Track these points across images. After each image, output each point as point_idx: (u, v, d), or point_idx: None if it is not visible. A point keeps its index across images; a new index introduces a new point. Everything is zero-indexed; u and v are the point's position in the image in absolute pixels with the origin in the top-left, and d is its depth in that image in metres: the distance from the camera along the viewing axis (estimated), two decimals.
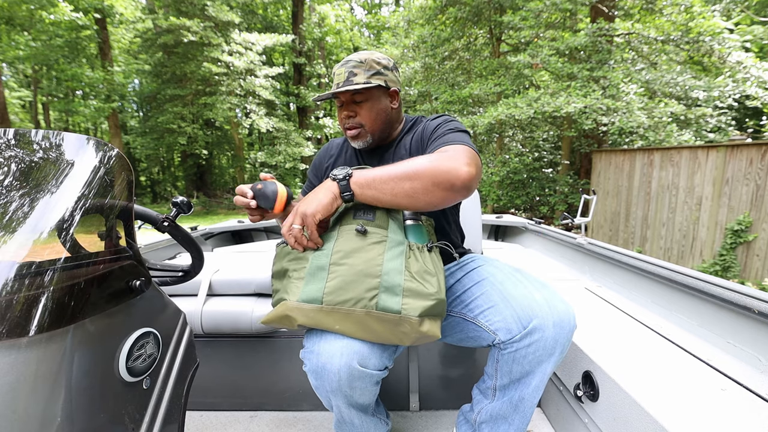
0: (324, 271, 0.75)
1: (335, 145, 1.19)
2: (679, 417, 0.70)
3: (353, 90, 0.95)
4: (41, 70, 13.20)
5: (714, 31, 5.64)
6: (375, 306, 0.73)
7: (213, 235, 2.41)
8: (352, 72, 0.96)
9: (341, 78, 0.97)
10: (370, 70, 0.97)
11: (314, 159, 1.21)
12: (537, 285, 0.85)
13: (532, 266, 1.91)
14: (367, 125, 1.00)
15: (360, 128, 1.01)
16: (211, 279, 1.27)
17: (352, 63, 0.97)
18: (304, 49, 14.16)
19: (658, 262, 1.27)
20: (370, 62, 0.98)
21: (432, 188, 0.76)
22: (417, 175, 0.76)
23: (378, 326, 0.74)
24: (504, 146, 8.52)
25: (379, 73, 0.98)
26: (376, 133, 1.03)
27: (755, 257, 3.87)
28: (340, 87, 0.96)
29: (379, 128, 1.02)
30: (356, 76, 0.96)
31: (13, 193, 0.52)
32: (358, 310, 0.73)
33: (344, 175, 0.79)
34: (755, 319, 0.92)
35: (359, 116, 1.00)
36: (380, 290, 0.73)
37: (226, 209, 12.46)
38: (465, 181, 0.77)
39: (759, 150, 3.78)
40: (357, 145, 1.05)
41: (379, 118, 1.01)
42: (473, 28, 7.96)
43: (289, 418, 1.29)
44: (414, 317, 0.73)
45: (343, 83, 0.96)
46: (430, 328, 0.74)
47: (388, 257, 0.77)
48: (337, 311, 0.73)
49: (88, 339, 0.51)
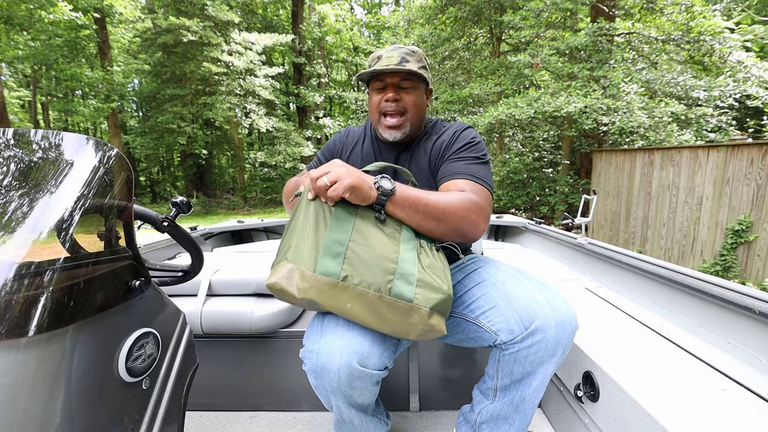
0: (343, 246, 0.76)
1: (353, 133, 1.14)
2: (679, 417, 0.70)
3: (410, 71, 0.94)
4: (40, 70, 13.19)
5: (715, 31, 5.64)
6: (389, 291, 0.73)
7: (213, 235, 2.40)
8: (405, 58, 0.96)
9: (393, 60, 0.95)
10: (420, 62, 0.98)
11: (330, 141, 1.16)
12: (538, 285, 0.85)
13: (532, 266, 1.91)
14: (410, 113, 0.98)
15: (402, 116, 0.98)
16: (210, 279, 1.27)
17: (405, 50, 0.97)
18: (303, 48, 14.15)
19: (658, 263, 1.27)
20: (420, 54, 0.99)
21: (451, 234, 0.82)
22: (445, 218, 0.81)
23: (389, 313, 0.74)
24: (504, 146, 8.52)
25: (426, 67, 1.00)
26: (414, 125, 1.01)
27: (756, 257, 3.86)
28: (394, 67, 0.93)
29: (417, 121, 1.01)
30: (409, 63, 0.95)
31: (13, 193, 0.52)
32: (371, 293, 0.73)
33: (389, 191, 0.78)
34: (756, 320, 0.92)
35: (404, 101, 0.97)
36: (396, 276, 0.74)
37: (226, 209, 12.46)
38: (478, 236, 0.86)
39: (760, 150, 3.78)
40: (392, 136, 1.00)
41: (419, 111, 1.01)
42: (473, 27, 7.95)
43: (289, 419, 1.29)
44: (425, 308, 0.73)
45: (396, 66, 0.94)
46: (438, 322, 0.75)
47: (403, 248, 0.78)
48: (352, 289, 0.74)
49: (88, 339, 0.51)
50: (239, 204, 12.91)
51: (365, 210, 0.82)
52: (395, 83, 0.97)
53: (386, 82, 0.98)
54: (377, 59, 0.98)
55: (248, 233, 2.65)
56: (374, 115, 1.02)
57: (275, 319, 1.23)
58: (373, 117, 1.03)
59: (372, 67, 0.98)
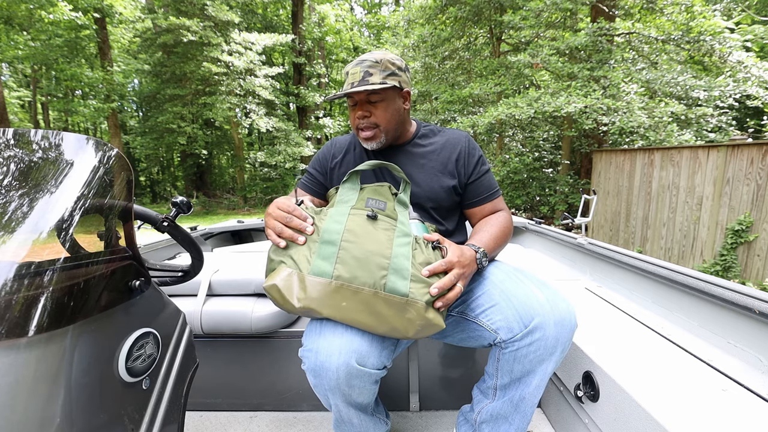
0: (334, 247, 0.76)
1: (339, 143, 1.16)
2: (679, 417, 0.70)
3: (370, 90, 0.95)
4: (40, 70, 13.20)
5: (715, 31, 5.64)
6: (383, 287, 0.74)
7: (213, 235, 2.40)
8: (368, 72, 0.96)
9: (356, 77, 0.96)
10: (386, 71, 0.97)
11: (317, 155, 1.17)
12: (538, 284, 0.85)
13: (532, 266, 1.91)
14: (382, 125, 1.00)
15: (375, 129, 1.00)
16: (210, 279, 1.27)
17: (368, 63, 0.96)
18: (303, 48, 14.15)
19: (658, 262, 1.27)
20: (385, 62, 0.97)
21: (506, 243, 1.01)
22: (506, 237, 1.00)
23: (385, 309, 0.74)
24: (504, 146, 8.52)
25: (394, 74, 0.98)
26: (390, 133, 1.03)
27: (756, 257, 3.86)
28: (355, 86, 0.95)
29: (393, 128, 1.03)
30: (372, 76, 0.95)
31: (13, 193, 0.52)
32: (366, 290, 0.74)
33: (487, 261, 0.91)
34: (756, 320, 0.92)
35: (374, 116, 0.99)
36: (389, 272, 0.74)
37: (226, 209, 12.46)
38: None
39: (760, 150, 3.77)
40: (370, 146, 1.04)
41: (393, 119, 1.01)
42: (473, 27, 7.95)
43: (289, 419, 1.29)
44: (421, 302, 0.73)
45: (359, 83, 0.95)
46: (435, 316, 0.75)
47: (396, 243, 0.78)
48: (346, 288, 0.74)
49: (88, 339, 0.51)
50: (239, 204, 12.91)
51: (358, 210, 0.83)
52: (363, 99, 0.99)
53: (355, 99, 1.00)
54: (346, 75, 1.00)
55: (248, 233, 2.65)
56: (354, 129, 1.05)
57: (275, 319, 1.23)
58: (354, 130, 1.06)
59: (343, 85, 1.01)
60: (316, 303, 0.74)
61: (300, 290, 0.74)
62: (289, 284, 0.75)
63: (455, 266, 0.79)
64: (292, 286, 0.75)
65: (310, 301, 0.74)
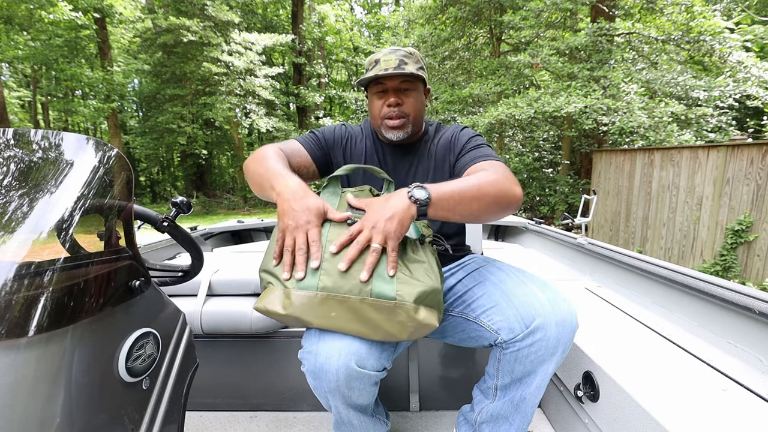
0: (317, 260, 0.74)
1: (353, 131, 1.12)
2: (679, 417, 0.70)
3: (409, 75, 0.95)
4: (40, 70, 13.20)
5: (714, 31, 5.65)
6: (369, 293, 0.71)
7: (213, 235, 2.40)
8: (403, 60, 0.96)
9: (391, 64, 0.95)
10: (418, 63, 0.98)
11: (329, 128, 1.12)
12: (539, 284, 0.85)
13: (532, 266, 1.91)
14: (411, 115, 1.00)
15: (404, 118, 0.99)
16: (210, 279, 1.27)
17: (402, 52, 0.97)
18: (303, 49, 14.15)
19: (658, 262, 1.27)
20: (417, 56, 1.00)
21: (494, 207, 0.80)
22: (482, 195, 0.78)
23: (374, 315, 0.72)
24: (504, 146, 8.52)
25: (423, 68, 1.00)
26: (416, 126, 1.03)
27: (756, 257, 3.86)
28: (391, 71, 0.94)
29: (418, 121, 1.03)
30: (407, 65, 0.96)
31: (13, 193, 0.52)
32: (352, 298, 0.72)
33: (425, 198, 0.75)
34: (756, 320, 0.92)
35: (405, 105, 0.99)
36: (374, 276, 0.72)
37: (226, 209, 12.46)
38: (519, 200, 0.83)
39: (760, 150, 3.78)
40: (396, 135, 1.01)
41: (420, 112, 1.02)
42: (473, 27, 7.96)
43: (289, 419, 1.29)
44: (409, 303, 0.71)
45: (395, 69, 0.94)
46: (426, 316, 0.72)
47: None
48: (332, 298, 0.72)
49: (88, 339, 0.51)
50: (239, 204, 12.90)
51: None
52: (395, 86, 0.98)
53: (386, 86, 0.98)
54: (375, 63, 0.98)
55: (248, 233, 2.65)
56: (376, 121, 1.03)
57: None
58: (375, 121, 1.03)
59: (370, 70, 0.98)
60: (306, 315, 0.73)
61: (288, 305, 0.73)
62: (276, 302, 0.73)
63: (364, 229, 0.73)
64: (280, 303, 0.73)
65: (300, 314, 0.73)
